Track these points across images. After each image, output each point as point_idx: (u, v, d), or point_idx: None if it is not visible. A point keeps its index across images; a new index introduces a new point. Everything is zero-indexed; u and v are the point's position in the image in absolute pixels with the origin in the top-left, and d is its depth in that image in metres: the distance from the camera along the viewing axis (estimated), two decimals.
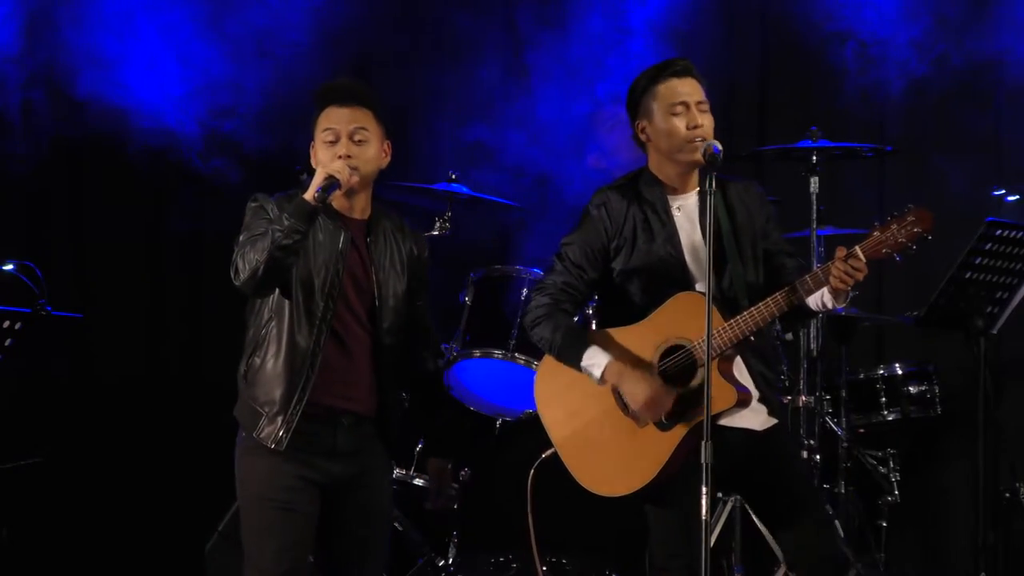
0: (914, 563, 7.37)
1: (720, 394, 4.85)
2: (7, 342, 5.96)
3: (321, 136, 4.96)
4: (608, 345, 5.01)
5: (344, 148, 4.92)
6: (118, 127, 7.11)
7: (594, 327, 5.93)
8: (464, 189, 6.81)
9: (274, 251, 4.77)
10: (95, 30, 7.13)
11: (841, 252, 4.80)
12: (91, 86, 7.07)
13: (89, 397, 7.47)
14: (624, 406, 5.00)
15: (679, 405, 4.93)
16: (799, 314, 5.04)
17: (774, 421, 5.00)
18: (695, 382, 4.90)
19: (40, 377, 7.21)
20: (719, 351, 4.86)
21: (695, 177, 5.11)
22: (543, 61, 7.41)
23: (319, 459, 4.93)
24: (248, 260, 4.83)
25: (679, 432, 4.93)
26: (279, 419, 4.90)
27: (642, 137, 5.11)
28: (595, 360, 4.98)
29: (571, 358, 5.03)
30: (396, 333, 5.01)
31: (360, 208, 5.05)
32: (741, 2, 7.65)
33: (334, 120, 4.95)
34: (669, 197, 5.08)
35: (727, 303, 4.95)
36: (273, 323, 4.96)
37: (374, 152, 4.98)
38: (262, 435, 4.92)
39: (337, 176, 4.83)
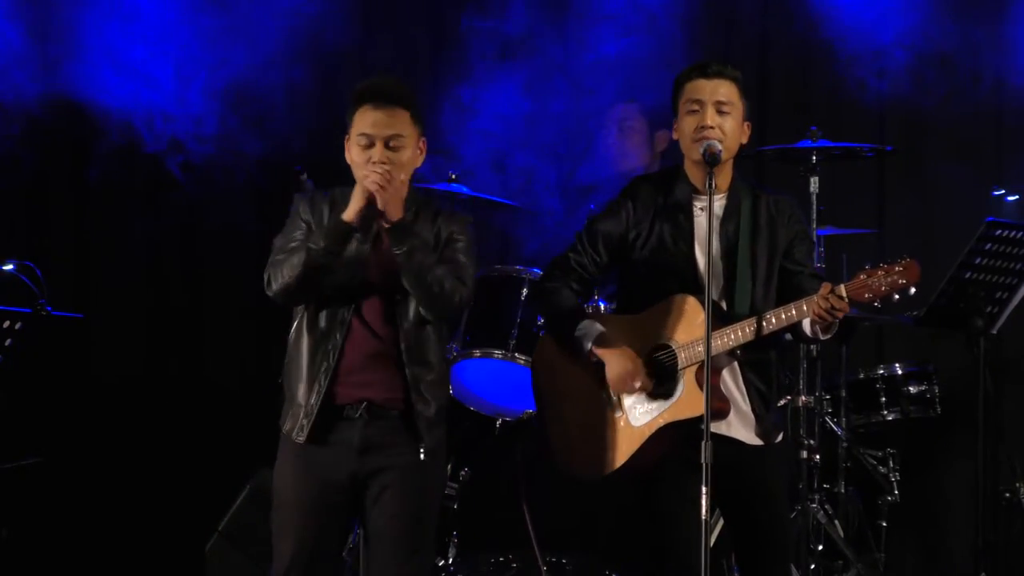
0: (914, 563, 7.37)
1: (690, 399, 4.87)
2: (7, 342, 5.96)
3: (356, 139, 4.95)
4: (603, 323, 5.06)
5: (379, 155, 4.91)
6: (116, 126, 7.10)
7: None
8: (464, 189, 6.81)
9: (308, 271, 4.87)
10: (102, 27, 7.13)
11: (826, 288, 4.77)
12: (91, 85, 7.06)
13: (89, 397, 7.46)
14: (609, 394, 5.02)
15: (653, 403, 4.95)
16: (796, 338, 5.04)
17: (761, 443, 5.00)
18: (673, 384, 4.93)
19: (40, 377, 7.20)
20: (696, 360, 4.87)
21: (725, 180, 5.06)
22: (541, 60, 7.41)
23: (343, 455, 4.96)
24: (281, 275, 4.91)
25: (647, 430, 4.96)
26: (300, 411, 4.97)
27: (675, 136, 5.11)
28: (587, 331, 5.03)
29: (565, 329, 5.07)
30: (421, 321, 4.98)
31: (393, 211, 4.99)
32: (741, 1, 7.65)
33: (370, 124, 4.93)
34: (695, 197, 5.06)
35: (725, 316, 4.93)
36: (299, 324, 5.03)
37: (409, 156, 4.96)
38: (286, 428, 5.01)
39: (375, 195, 4.84)
